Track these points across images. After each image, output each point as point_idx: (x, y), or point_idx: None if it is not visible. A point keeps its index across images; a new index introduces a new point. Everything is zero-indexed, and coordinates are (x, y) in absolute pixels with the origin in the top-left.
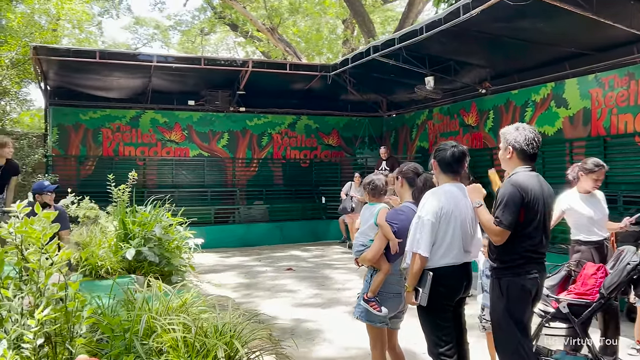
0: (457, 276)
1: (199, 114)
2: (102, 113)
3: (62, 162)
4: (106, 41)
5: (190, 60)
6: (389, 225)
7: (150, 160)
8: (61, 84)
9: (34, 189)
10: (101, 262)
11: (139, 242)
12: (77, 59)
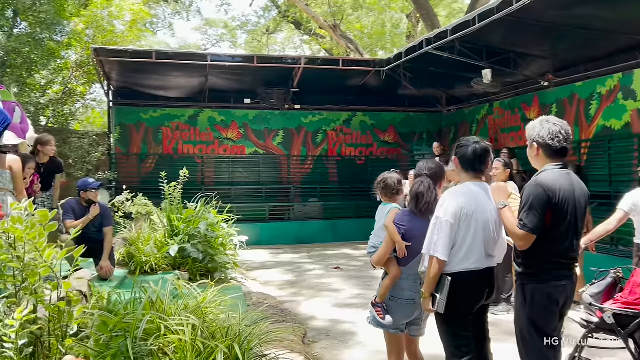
0: (478, 282)
1: (255, 112)
2: (162, 112)
3: (124, 160)
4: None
5: (244, 58)
6: (396, 227)
7: (207, 158)
8: (123, 84)
9: (79, 186)
10: (146, 258)
11: (182, 238)
12: (134, 60)
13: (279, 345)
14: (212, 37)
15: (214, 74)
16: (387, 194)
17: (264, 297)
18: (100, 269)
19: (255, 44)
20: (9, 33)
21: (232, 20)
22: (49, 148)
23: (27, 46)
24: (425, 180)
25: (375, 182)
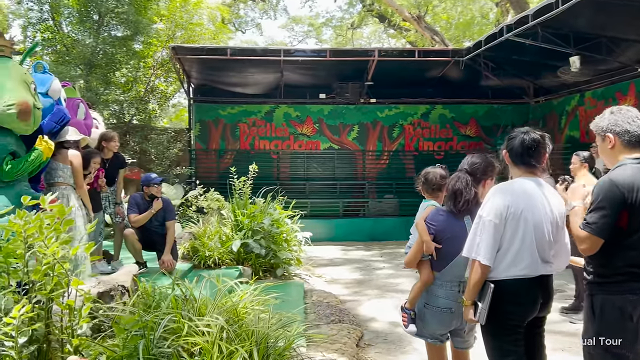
0: (527, 291)
1: (330, 107)
2: (240, 108)
3: (203, 156)
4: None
5: (317, 52)
6: (427, 226)
7: (283, 154)
8: (203, 81)
9: (142, 181)
10: (209, 253)
11: (246, 233)
12: (211, 57)
13: (328, 348)
14: (298, 34)
15: (288, 69)
16: (428, 189)
17: (325, 296)
18: (162, 262)
19: (340, 40)
20: (95, 34)
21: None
22: (112, 144)
23: (112, 46)
24: (463, 176)
25: (418, 177)
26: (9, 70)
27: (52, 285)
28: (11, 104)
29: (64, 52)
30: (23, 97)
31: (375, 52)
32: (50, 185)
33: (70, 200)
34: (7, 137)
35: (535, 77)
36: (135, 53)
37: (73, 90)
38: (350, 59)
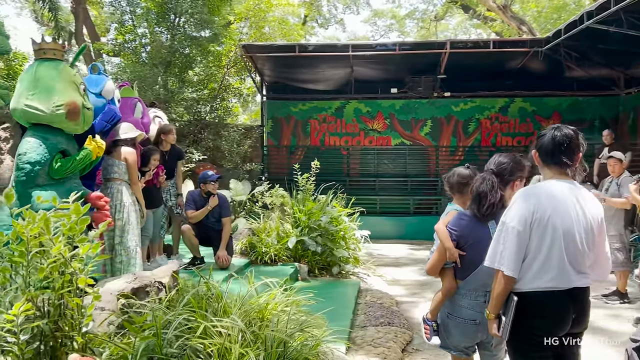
0: (557, 305)
1: (402, 102)
2: (310, 105)
3: (275, 152)
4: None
5: (386, 46)
6: (449, 231)
7: (353, 150)
8: (275, 79)
9: (199, 178)
10: (265, 249)
11: (302, 230)
12: (279, 54)
13: (369, 351)
14: (380, 28)
15: (359, 64)
16: (453, 192)
17: (380, 296)
18: (217, 258)
19: (423, 32)
20: (172, 34)
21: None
22: (170, 137)
23: (187, 46)
24: (489, 178)
25: (444, 179)
26: (59, 73)
27: (60, 283)
28: (60, 105)
29: (142, 52)
30: (72, 98)
31: (447, 44)
32: (107, 180)
33: (123, 196)
34: (57, 136)
35: (625, 66)
36: (209, 52)
37: (131, 90)
38: (420, 52)
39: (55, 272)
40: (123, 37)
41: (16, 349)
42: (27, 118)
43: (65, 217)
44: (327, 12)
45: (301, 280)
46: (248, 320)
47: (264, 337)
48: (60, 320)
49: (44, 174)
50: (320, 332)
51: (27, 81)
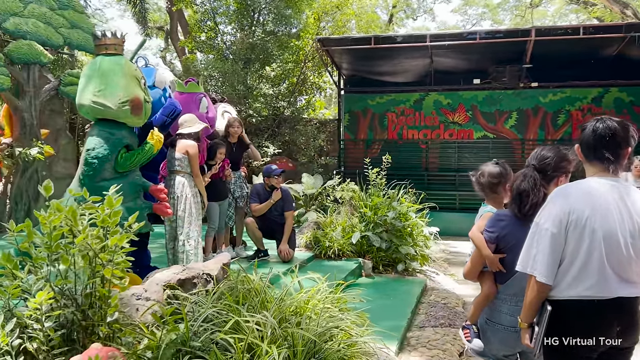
0: (596, 316)
1: (485, 93)
2: (388, 98)
3: (352, 146)
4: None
5: (465, 36)
6: (486, 233)
7: (432, 143)
8: (353, 72)
9: (264, 172)
10: (329, 244)
11: (367, 226)
12: (355, 47)
13: (423, 353)
14: (471, 17)
15: (439, 54)
16: (483, 192)
17: (445, 296)
18: (279, 251)
19: (518, 20)
20: (253, 31)
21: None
22: (235, 129)
23: (266, 41)
24: (530, 174)
25: (472, 177)
26: (122, 68)
27: (88, 273)
28: (125, 101)
29: (223, 49)
30: (135, 94)
31: (532, 32)
32: (171, 173)
33: (185, 188)
34: (121, 130)
35: None
36: (287, 47)
37: (196, 85)
38: (503, 41)
39: (86, 262)
40: (206, 35)
41: (41, 335)
42: (94, 114)
43: (100, 209)
44: (416, 2)
45: (365, 276)
46: (284, 316)
47: (292, 335)
48: (89, 310)
49: (110, 168)
50: (362, 331)
51: (91, 77)
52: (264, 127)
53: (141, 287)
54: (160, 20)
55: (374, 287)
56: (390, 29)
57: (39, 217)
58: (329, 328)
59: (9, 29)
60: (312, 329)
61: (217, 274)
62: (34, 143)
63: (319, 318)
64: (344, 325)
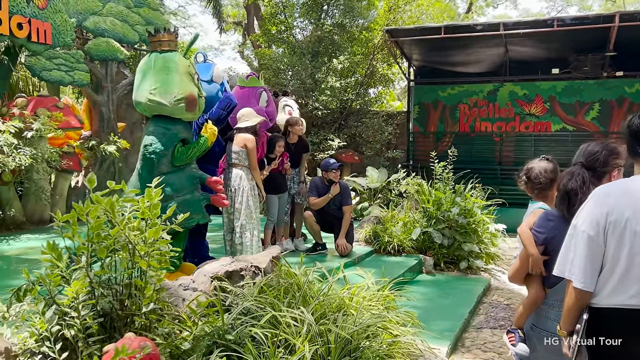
0: None
1: (564, 83)
2: (460, 89)
3: (421, 139)
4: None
5: (540, 23)
6: (534, 234)
7: (507, 136)
8: (423, 63)
9: (322, 166)
10: (389, 239)
11: (429, 221)
12: (425, 37)
13: (476, 355)
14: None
15: (514, 43)
16: (532, 189)
17: (510, 296)
18: (336, 246)
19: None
20: (321, 23)
21: None
22: (297, 128)
23: (334, 34)
24: (578, 172)
25: (518, 173)
26: (176, 65)
27: (125, 264)
28: (180, 98)
29: (293, 42)
30: (189, 90)
31: (616, 17)
32: (229, 166)
33: (243, 181)
34: (177, 125)
35: None
36: (355, 39)
37: (257, 80)
38: (583, 28)
39: (126, 252)
40: (276, 28)
41: (78, 323)
42: (150, 111)
43: (140, 202)
44: None
45: (425, 273)
46: (324, 312)
47: (326, 332)
48: (128, 300)
49: (167, 162)
50: (406, 331)
51: (146, 74)
52: (330, 120)
53: (189, 277)
54: (238, 16)
55: (433, 284)
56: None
57: (77, 209)
58: (368, 325)
59: (88, 27)
60: (349, 326)
61: (265, 267)
62: (111, 136)
63: (358, 315)
64: (385, 324)
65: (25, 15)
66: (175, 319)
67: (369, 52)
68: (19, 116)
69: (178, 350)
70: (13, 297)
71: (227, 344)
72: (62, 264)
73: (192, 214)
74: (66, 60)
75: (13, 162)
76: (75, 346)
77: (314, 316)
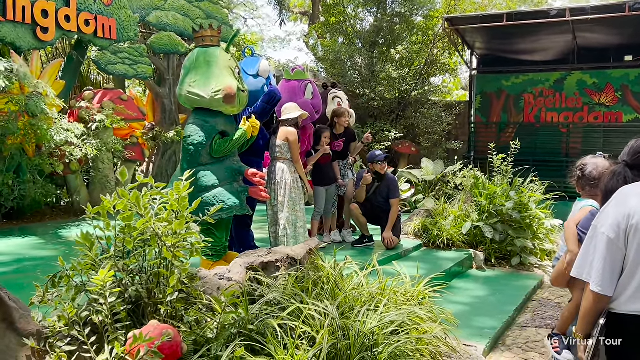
0: None
1: (638, 71)
2: (525, 78)
3: (483, 129)
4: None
5: (610, 8)
6: (579, 233)
7: (574, 127)
8: (486, 51)
9: (367, 158)
10: (438, 233)
11: (480, 215)
12: (486, 25)
13: (516, 355)
14: None
15: (582, 29)
16: (584, 185)
17: (562, 295)
18: (383, 239)
19: None
20: (382, 13)
21: None
22: (343, 119)
23: (393, 23)
24: (621, 171)
25: (572, 169)
26: (216, 59)
27: (151, 254)
28: (218, 90)
29: (351, 33)
30: (228, 83)
31: None
32: (273, 159)
33: (285, 174)
34: (216, 118)
35: None
36: (414, 28)
37: (302, 72)
38: None
39: (154, 243)
40: (335, 19)
41: (106, 309)
42: (191, 103)
43: (170, 194)
44: None
45: (475, 268)
46: (350, 305)
47: (347, 326)
48: (156, 289)
49: (205, 154)
50: (432, 328)
51: (189, 68)
52: (387, 110)
53: (225, 267)
54: (304, 6)
55: (482, 280)
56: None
57: (104, 202)
58: (392, 322)
59: (151, 22)
60: (370, 322)
61: (301, 259)
62: (173, 127)
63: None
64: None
65: (92, 12)
66: (204, 308)
67: (429, 40)
68: (85, 108)
69: (202, 339)
70: (49, 282)
71: (250, 334)
72: (93, 253)
73: (230, 205)
74: (130, 54)
75: (80, 153)
76: (102, 331)
77: (340, 310)
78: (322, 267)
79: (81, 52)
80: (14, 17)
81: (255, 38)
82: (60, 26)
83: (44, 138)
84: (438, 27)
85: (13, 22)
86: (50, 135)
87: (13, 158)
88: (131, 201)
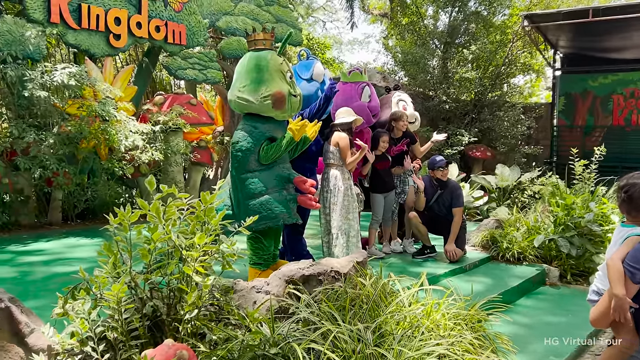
0: None
1: None
2: (614, 77)
3: (567, 132)
4: None
5: None
6: (626, 270)
7: None
8: (571, 50)
9: (428, 164)
10: (507, 245)
11: (555, 228)
12: (569, 22)
13: None
14: None
15: None
16: (631, 210)
17: None
18: (445, 251)
19: None
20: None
21: None
22: (401, 123)
23: (469, 22)
24: None
25: (617, 189)
26: (267, 63)
27: (170, 269)
28: (267, 96)
29: (425, 33)
30: (278, 88)
31: None
32: (326, 166)
33: (338, 180)
34: (265, 124)
35: None
36: (492, 26)
37: (360, 74)
38: None
39: (177, 255)
40: (407, 19)
41: (119, 325)
42: (240, 108)
43: (197, 205)
44: None
45: (549, 285)
46: (389, 329)
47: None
48: (178, 304)
49: (254, 160)
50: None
51: (240, 73)
52: (460, 113)
53: (264, 280)
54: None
55: (554, 299)
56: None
57: (119, 214)
58: (428, 353)
59: (221, 27)
60: (406, 351)
61: (346, 272)
62: None
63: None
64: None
65: (162, 18)
66: (234, 324)
67: (508, 39)
68: (155, 112)
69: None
70: (69, 294)
71: (274, 357)
72: (108, 266)
73: (278, 213)
74: (200, 60)
75: (146, 157)
76: (117, 348)
77: (377, 333)
78: (361, 284)
79: (152, 58)
80: (88, 25)
81: (330, 41)
82: (132, 33)
83: (113, 142)
84: (518, 25)
85: (87, 29)
86: (119, 139)
87: (86, 161)
88: (151, 212)
